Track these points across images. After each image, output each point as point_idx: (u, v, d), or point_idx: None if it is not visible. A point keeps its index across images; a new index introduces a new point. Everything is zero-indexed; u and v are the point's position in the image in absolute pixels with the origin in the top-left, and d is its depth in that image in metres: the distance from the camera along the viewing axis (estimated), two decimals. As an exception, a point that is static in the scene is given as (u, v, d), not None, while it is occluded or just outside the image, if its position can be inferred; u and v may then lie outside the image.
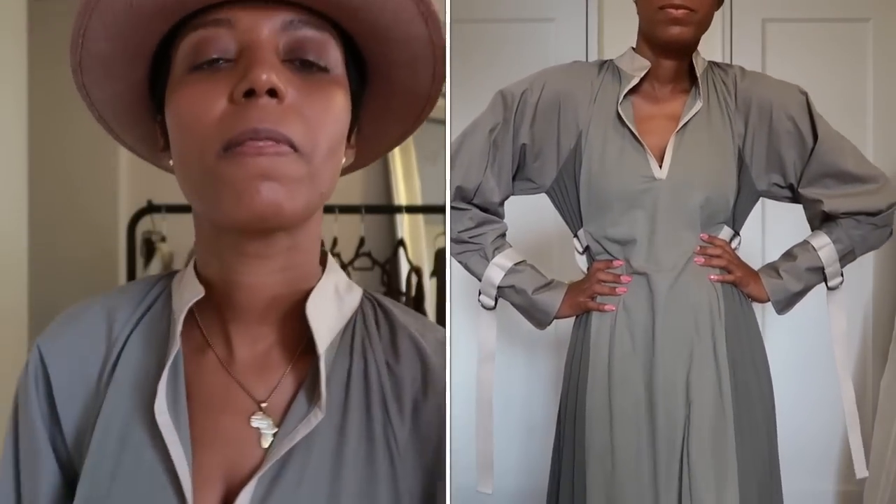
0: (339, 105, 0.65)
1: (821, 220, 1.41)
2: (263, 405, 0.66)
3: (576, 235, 1.44)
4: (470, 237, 1.42)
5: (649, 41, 1.32)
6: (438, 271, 2.10)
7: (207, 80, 0.62)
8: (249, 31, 0.62)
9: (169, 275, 0.75)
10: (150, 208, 2.12)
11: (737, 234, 1.40)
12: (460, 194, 1.40)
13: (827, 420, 2.42)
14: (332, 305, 0.68)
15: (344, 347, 0.68)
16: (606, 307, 1.35)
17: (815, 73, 2.42)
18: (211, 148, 0.61)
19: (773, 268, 1.43)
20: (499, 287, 1.41)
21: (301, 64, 0.64)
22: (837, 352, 1.51)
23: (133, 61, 0.68)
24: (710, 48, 2.18)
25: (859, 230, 1.37)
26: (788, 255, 1.44)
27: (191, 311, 0.68)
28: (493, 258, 1.41)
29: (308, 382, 0.66)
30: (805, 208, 1.43)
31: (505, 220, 1.46)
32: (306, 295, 0.67)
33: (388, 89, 0.71)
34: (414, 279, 2.13)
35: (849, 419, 1.54)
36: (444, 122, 2.64)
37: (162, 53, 0.67)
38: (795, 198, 1.43)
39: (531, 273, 1.42)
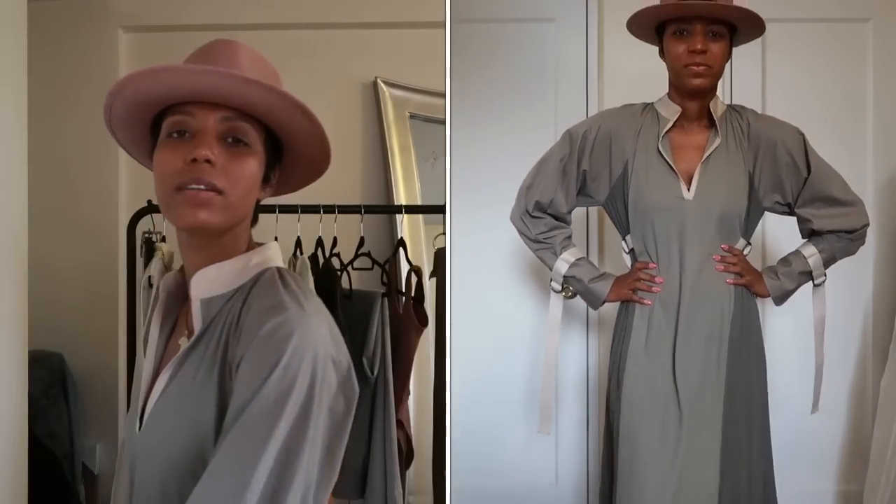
0: (251, 167, 1.09)
1: (809, 233, 1.79)
2: (186, 332, 1.13)
3: (624, 238, 1.83)
4: (544, 238, 1.85)
5: (677, 89, 1.72)
6: (438, 271, 2.10)
7: (174, 146, 1.07)
8: (201, 120, 1.07)
9: None
10: (150, 208, 2.12)
11: (748, 243, 1.77)
12: (538, 206, 1.84)
13: (827, 420, 2.42)
14: (228, 272, 1.11)
15: (232, 298, 1.09)
16: (645, 301, 1.73)
17: (815, 73, 2.42)
18: (170, 186, 1.05)
19: (773, 271, 1.80)
20: (564, 276, 1.83)
21: (232, 140, 1.08)
22: (817, 331, 1.88)
23: (139, 123, 1.14)
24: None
25: (840, 243, 1.76)
26: (784, 261, 1.82)
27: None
28: (560, 254, 1.84)
29: None
30: (798, 223, 1.81)
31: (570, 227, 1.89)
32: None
33: (295, 154, 1.16)
34: (413, 279, 2.13)
35: (817, 370, 1.92)
36: (443, 123, 2.64)
37: (157, 119, 1.12)
38: (792, 213, 1.80)
39: (588, 267, 1.84)
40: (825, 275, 1.81)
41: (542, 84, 2.45)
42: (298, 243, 2.08)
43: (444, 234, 2.07)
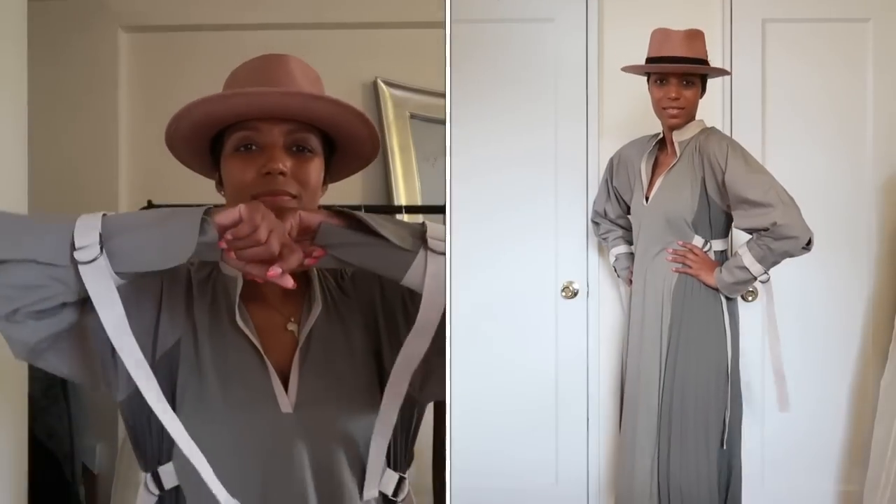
0: (316, 171, 1.19)
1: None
2: (293, 318, 1.20)
3: None
4: (603, 236, 2.37)
5: (660, 122, 2.10)
6: (438, 271, 2.09)
7: (245, 158, 1.16)
8: (267, 134, 1.16)
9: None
10: (150, 208, 2.12)
11: (707, 241, 2.06)
12: (597, 214, 2.36)
13: (827, 420, 2.42)
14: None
15: (322, 274, 1.24)
16: (629, 285, 2.25)
17: (815, 73, 2.42)
18: (247, 195, 1.13)
19: (721, 264, 2.05)
20: (613, 264, 2.35)
21: (297, 148, 1.17)
22: (770, 327, 2.13)
23: (200, 139, 1.21)
24: (710, 48, 2.20)
25: (762, 240, 1.94)
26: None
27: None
28: (611, 249, 2.34)
29: (307, 300, 1.22)
30: None
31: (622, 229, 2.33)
32: None
33: (347, 153, 1.26)
34: (414, 279, 2.13)
35: (776, 373, 2.12)
36: (444, 123, 2.64)
37: (217, 136, 1.20)
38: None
39: (623, 260, 2.31)
40: (766, 273, 2.01)
41: (542, 84, 2.45)
42: (298, 243, 2.08)
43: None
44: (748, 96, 2.39)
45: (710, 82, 2.13)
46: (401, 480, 1.20)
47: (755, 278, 1.99)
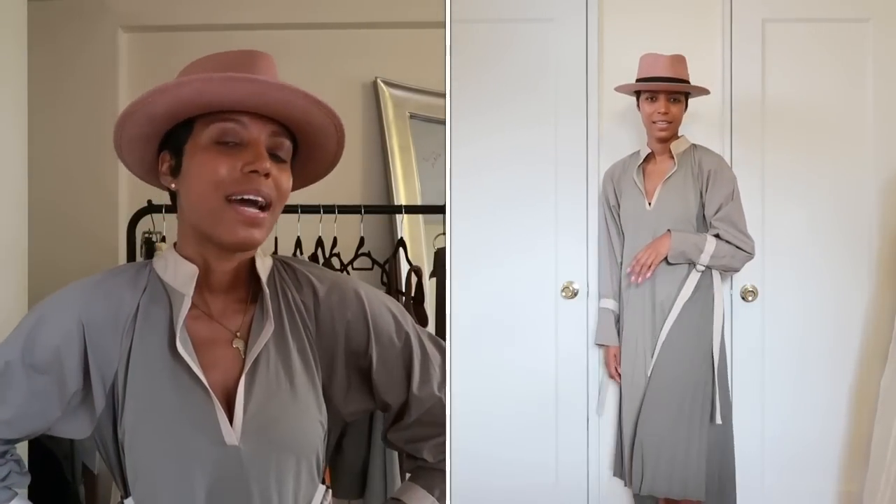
0: (289, 181, 1.13)
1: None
2: (238, 333, 1.13)
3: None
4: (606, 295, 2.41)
5: (648, 136, 2.27)
6: (438, 271, 2.10)
7: (226, 153, 1.07)
8: (254, 131, 1.08)
9: (142, 263, 1.20)
10: (150, 208, 2.12)
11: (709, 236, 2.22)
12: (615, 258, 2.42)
13: (827, 420, 2.42)
14: (261, 265, 1.16)
15: (270, 289, 1.15)
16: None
17: (815, 73, 2.42)
18: (221, 194, 1.05)
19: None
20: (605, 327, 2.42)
21: (272, 155, 1.10)
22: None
23: (149, 140, 1.15)
24: (710, 48, 2.20)
25: (728, 249, 2.18)
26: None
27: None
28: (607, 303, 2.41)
29: (258, 313, 1.14)
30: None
31: None
32: (247, 265, 1.17)
33: (310, 153, 1.19)
34: (413, 279, 2.13)
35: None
36: (444, 123, 2.64)
37: (167, 136, 1.14)
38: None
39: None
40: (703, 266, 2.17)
41: (542, 84, 2.45)
42: (298, 243, 2.08)
43: (444, 234, 2.07)
44: (748, 96, 2.39)
45: (712, 84, 2.15)
46: (327, 490, 1.19)
47: (694, 263, 2.17)
